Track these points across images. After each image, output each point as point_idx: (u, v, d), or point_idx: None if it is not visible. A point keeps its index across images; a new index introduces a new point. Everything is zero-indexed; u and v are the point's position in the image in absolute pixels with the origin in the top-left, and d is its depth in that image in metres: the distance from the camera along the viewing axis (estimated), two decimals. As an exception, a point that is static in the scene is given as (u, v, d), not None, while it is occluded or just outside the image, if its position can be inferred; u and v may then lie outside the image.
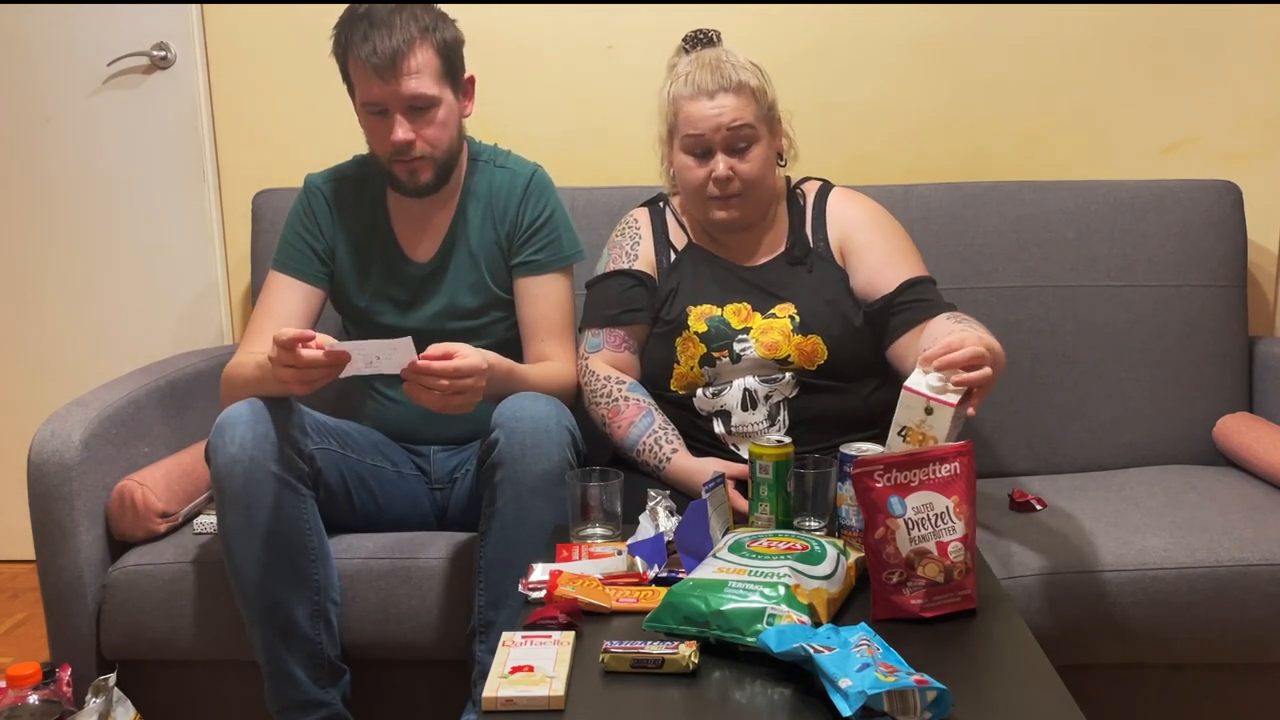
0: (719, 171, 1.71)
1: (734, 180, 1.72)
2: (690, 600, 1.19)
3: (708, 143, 1.72)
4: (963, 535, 1.26)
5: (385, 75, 1.68)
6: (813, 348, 1.74)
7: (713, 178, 1.72)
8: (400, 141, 1.72)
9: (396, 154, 1.74)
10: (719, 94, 1.70)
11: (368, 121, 1.76)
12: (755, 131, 1.72)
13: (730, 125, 1.70)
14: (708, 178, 1.73)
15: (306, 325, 1.80)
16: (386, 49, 1.66)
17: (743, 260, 1.83)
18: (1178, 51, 2.26)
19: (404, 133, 1.72)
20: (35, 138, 2.46)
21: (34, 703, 1.60)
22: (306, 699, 1.63)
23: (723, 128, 1.70)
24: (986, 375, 1.38)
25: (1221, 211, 2.12)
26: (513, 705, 1.09)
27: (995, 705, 1.08)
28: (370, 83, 1.70)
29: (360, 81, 1.72)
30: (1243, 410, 2.10)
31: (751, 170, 1.73)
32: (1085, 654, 1.64)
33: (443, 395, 1.52)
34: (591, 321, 1.85)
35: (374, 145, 1.79)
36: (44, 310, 2.54)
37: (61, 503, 1.73)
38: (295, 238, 1.85)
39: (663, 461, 1.73)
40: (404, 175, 1.77)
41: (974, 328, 1.56)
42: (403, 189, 1.80)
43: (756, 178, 1.74)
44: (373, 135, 1.77)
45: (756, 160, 1.73)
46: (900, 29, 2.29)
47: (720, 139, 1.71)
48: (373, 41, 1.67)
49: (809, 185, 1.88)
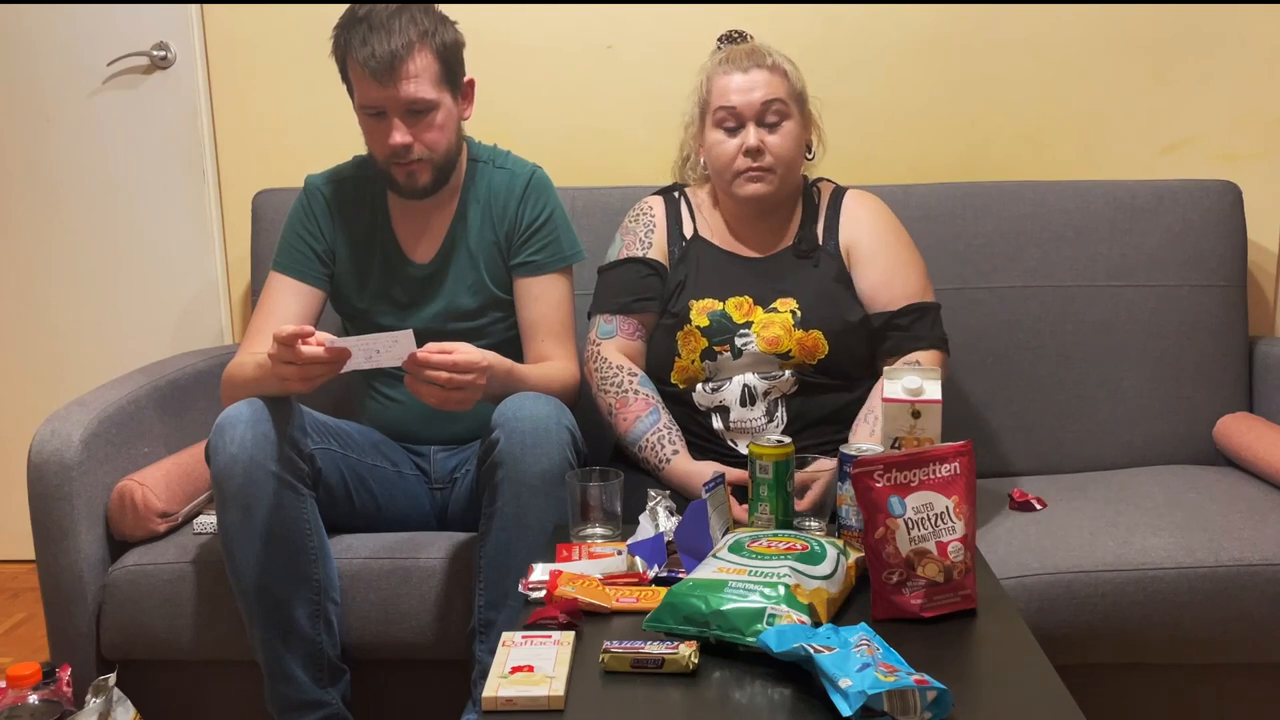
0: (750, 141, 1.74)
1: (765, 153, 1.74)
2: (690, 600, 1.19)
3: (740, 115, 1.75)
4: (962, 535, 1.26)
5: (383, 79, 1.67)
6: (814, 343, 1.74)
7: (745, 148, 1.75)
8: (397, 145, 1.72)
9: (394, 157, 1.74)
10: (753, 70, 1.75)
11: (366, 123, 1.76)
12: (787, 108, 1.76)
13: (763, 99, 1.74)
14: (738, 150, 1.75)
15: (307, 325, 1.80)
16: (385, 53, 1.66)
17: (749, 252, 1.84)
18: (1178, 52, 2.26)
19: (401, 136, 1.72)
20: (35, 138, 2.46)
21: (34, 703, 1.60)
22: (306, 699, 1.63)
23: (756, 101, 1.74)
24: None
25: (1221, 211, 2.12)
26: (513, 705, 1.09)
27: (995, 705, 1.08)
28: (368, 86, 1.70)
29: (359, 84, 1.72)
30: (1243, 410, 2.10)
31: (782, 146, 1.76)
32: (1085, 654, 1.64)
33: (443, 390, 1.52)
34: (604, 307, 1.85)
35: (372, 147, 1.79)
36: (44, 310, 2.54)
37: (61, 503, 1.72)
38: (295, 238, 1.85)
39: (663, 461, 1.73)
40: (402, 178, 1.77)
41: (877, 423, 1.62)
42: (401, 191, 1.80)
43: (787, 155, 1.77)
44: (371, 137, 1.77)
45: (788, 137, 1.76)
46: (900, 29, 2.29)
47: (752, 112, 1.74)
48: (371, 45, 1.66)
49: (824, 185, 1.90)
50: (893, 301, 1.79)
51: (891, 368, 1.58)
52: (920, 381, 1.45)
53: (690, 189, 1.92)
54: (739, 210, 1.84)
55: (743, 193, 1.78)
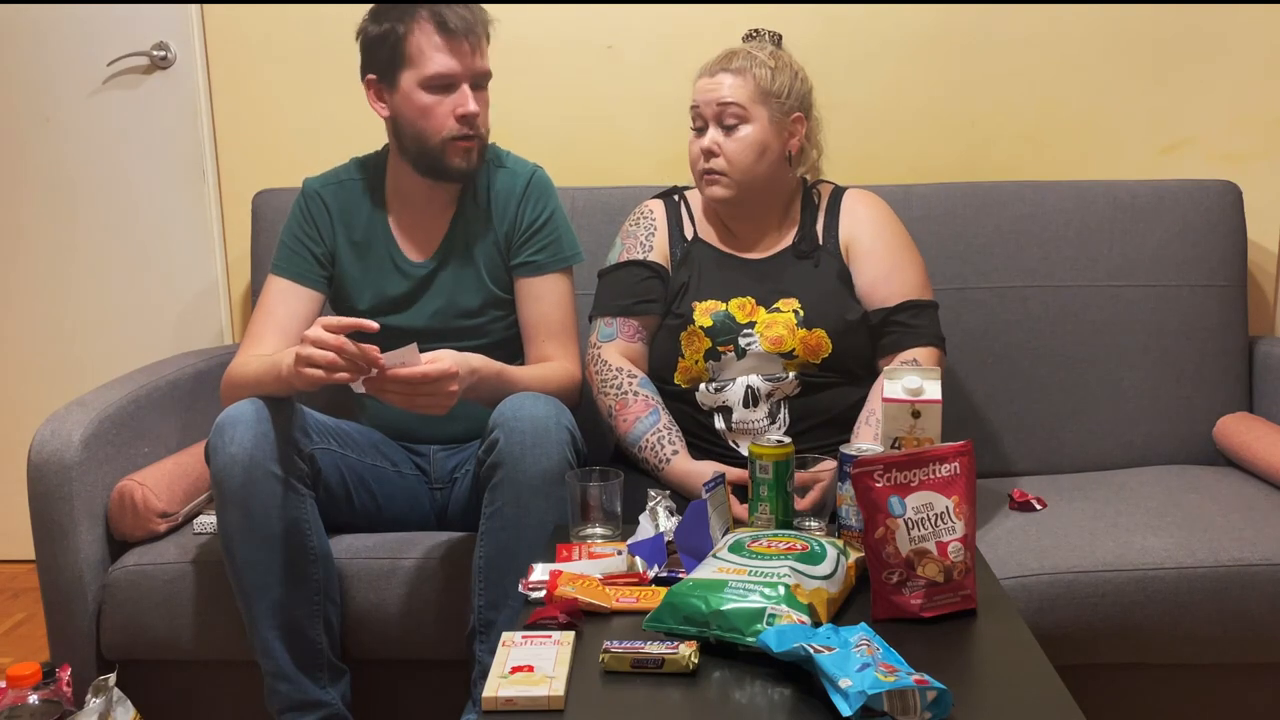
0: (704, 143, 1.77)
1: (719, 156, 1.76)
2: (690, 600, 1.19)
3: (702, 115, 1.78)
4: (962, 535, 1.26)
5: (470, 45, 1.69)
6: (817, 341, 1.74)
7: (703, 149, 1.78)
8: (470, 113, 1.72)
9: (461, 129, 1.73)
10: (720, 73, 1.77)
11: (424, 101, 1.72)
12: (745, 113, 1.76)
13: (719, 100, 1.75)
14: (700, 152, 1.79)
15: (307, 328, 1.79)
16: (468, 20, 1.69)
17: (749, 253, 1.84)
18: (1178, 52, 2.26)
19: (474, 104, 1.72)
20: (35, 138, 2.46)
21: (34, 703, 1.60)
22: (306, 699, 1.63)
23: (714, 101, 1.76)
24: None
25: (1221, 211, 2.12)
26: (513, 705, 1.09)
27: (995, 705, 1.08)
28: (444, 55, 1.70)
29: (430, 55, 1.70)
30: (1243, 410, 2.10)
31: (735, 149, 1.76)
32: (1085, 654, 1.64)
33: (406, 396, 1.51)
34: (605, 310, 1.85)
35: (430, 124, 1.74)
36: (44, 310, 2.54)
37: (61, 503, 1.73)
38: (294, 241, 1.85)
39: (663, 462, 1.73)
40: (458, 156, 1.75)
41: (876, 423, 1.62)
42: (451, 173, 1.78)
43: (739, 159, 1.76)
44: (429, 114, 1.73)
45: (742, 142, 1.76)
46: (900, 29, 2.29)
47: (712, 113, 1.77)
48: (455, 12, 1.69)
49: (824, 185, 1.90)
50: (890, 298, 1.79)
51: (891, 368, 1.58)
52: (920, 381, 1.45)
53: (689, 192, 1.92)
54: (719, 211, 1.85)
55: (705, 194, 1.82)
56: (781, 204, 1.85)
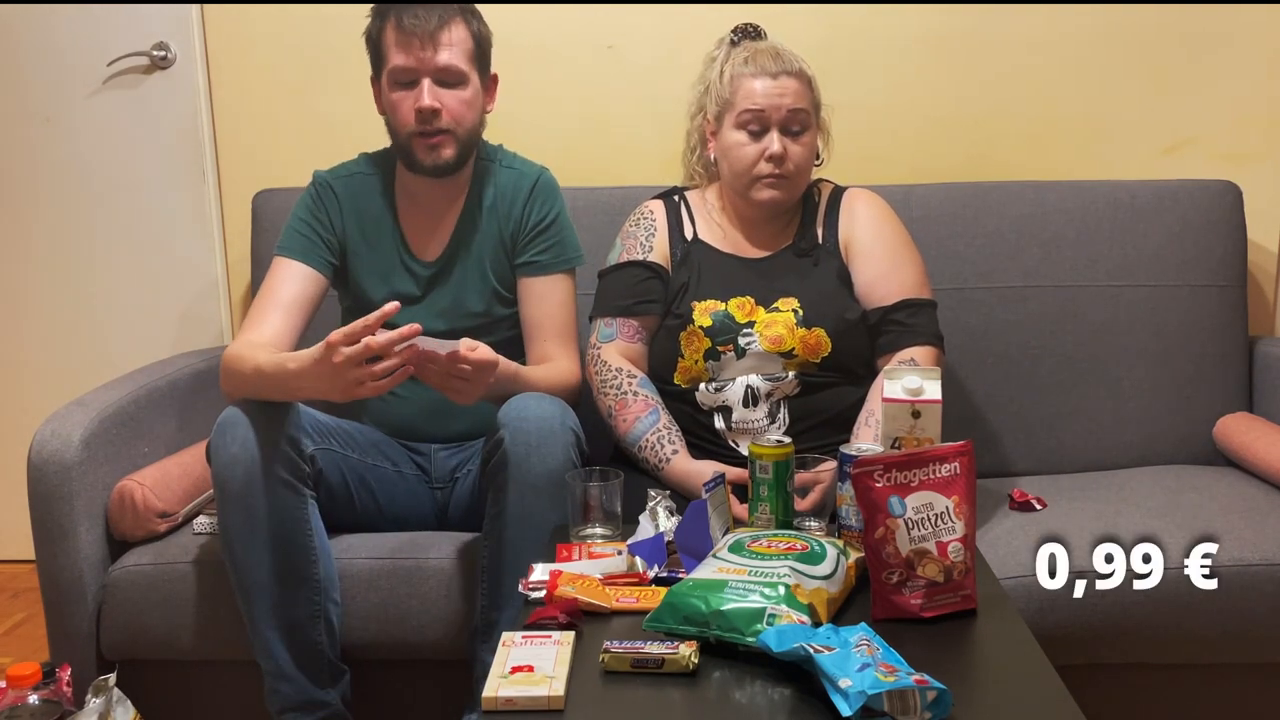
0: (774, 148, 1.75)
1: (787, 160, 1.76)
2: (690, 600, 1.19)
3: (766, 119, 1.76)
4: (962, 535, 1.26)
5: (423, 42, 1.70)
6: (816, 340, 1.74)
7: (767, 154, 1.75)
8: (425, 108, 1.72)
9: (420, 124, 1.74)
10: (782, 76, 1.76)
11: (393, 97, 1.76)
12: (809, 118, 1.78)
13: (791, 106, 1.75)
14: (760, 155, 1.76)
15: (310, 311, 1.80)
16: (429, 16, 1.71)
17: (749, 252, 1.84)
18: (1178, 52, 2.26)
19: (430, 99, 1.72)
20: (35, 138, 2.46)
21: (34, 703, 1.60)
22: (306, 699, 1.63)
23: (784, 107, 1.75)
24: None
25: (1221, 211, 2.12)
26: (513, 705, 1.09)
27: (995, 705, 1.09)
28: (405, 50, 1.72)
29: (395, 50, 1.73)
30: (1243, 410, 2.10)
31: (802, 155, 1.78)
32: (1085, 654, 1.64)
33: (443, 375, 1.54)
34: (605, 311, 1.85)
35: (397, 121, 1.77)
36: (44, 310, 2.54)
37: (61, 503, 1.72)
38: (302, 225, 1.84)
39: (663, 461, 1.73)
40: (423, 152, 1.76)
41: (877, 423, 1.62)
42: (421, 168, 1.79)
43: (805, 164, 1.79)
44: (396, 109, 1.76)
45: (807, 147, 1.79)
46: (901, 29, 2.29)
47: (779, 118, 1.75)
48: (415, 11, 1.71)
49: (824, 185, 1.91)
50: (889, 296, 1.79)
51: (890, 368, 1.58)
52: (920, 381, 1.45)
53: (689, 193, 1.92)
54: (750, 213, 1.84)
55: (760, 197, 1.79)
56: (794, 202, 1.86)
